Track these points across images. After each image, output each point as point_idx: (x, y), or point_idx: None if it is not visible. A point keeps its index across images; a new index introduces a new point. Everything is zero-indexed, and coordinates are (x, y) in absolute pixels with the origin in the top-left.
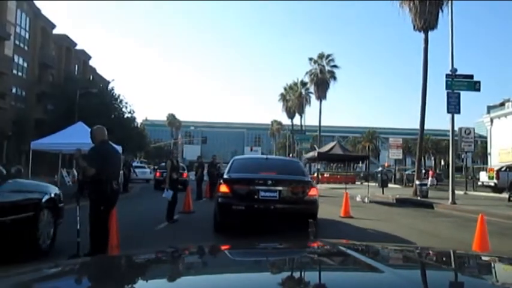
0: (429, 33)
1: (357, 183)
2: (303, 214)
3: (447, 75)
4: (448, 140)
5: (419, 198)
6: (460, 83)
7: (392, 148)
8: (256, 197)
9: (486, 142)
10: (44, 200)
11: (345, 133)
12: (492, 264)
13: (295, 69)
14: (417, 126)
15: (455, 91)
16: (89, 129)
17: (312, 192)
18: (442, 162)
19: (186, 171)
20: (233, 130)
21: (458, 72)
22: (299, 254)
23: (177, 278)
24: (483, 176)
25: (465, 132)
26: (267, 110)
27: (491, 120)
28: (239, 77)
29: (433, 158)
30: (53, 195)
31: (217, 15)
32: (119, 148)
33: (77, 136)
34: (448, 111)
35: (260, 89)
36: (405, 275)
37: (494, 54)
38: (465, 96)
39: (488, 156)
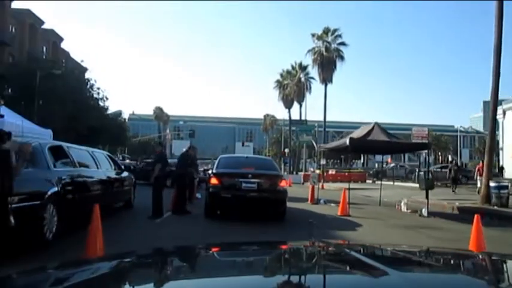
0: None
1: (367, 181)
2: (276, 200)
3: None
4: (451, 136)
5: (496, 207)
6: None
7: (416, 139)
8: (239, 187)
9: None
10: (133, 181)
11: (339, 128)
12: (499, 266)
13: (288, 61)
14: (417, 122)
15: None
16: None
17: (282, 183)
18: (449, 158)
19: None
20: (224, 125)
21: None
22: (299, 255)
23: (175, 280)
24: None
25: None
26: (260, 105)
27: (504, 113)
28: (230, 70)
29: (437, 154)
30: (134, 179)
31: (203, 4)
32: (48, 132)
33: None
34: None
35: (252, 83)
36: (411, 278)
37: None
38: (459, 92)
39: (500, 152)
